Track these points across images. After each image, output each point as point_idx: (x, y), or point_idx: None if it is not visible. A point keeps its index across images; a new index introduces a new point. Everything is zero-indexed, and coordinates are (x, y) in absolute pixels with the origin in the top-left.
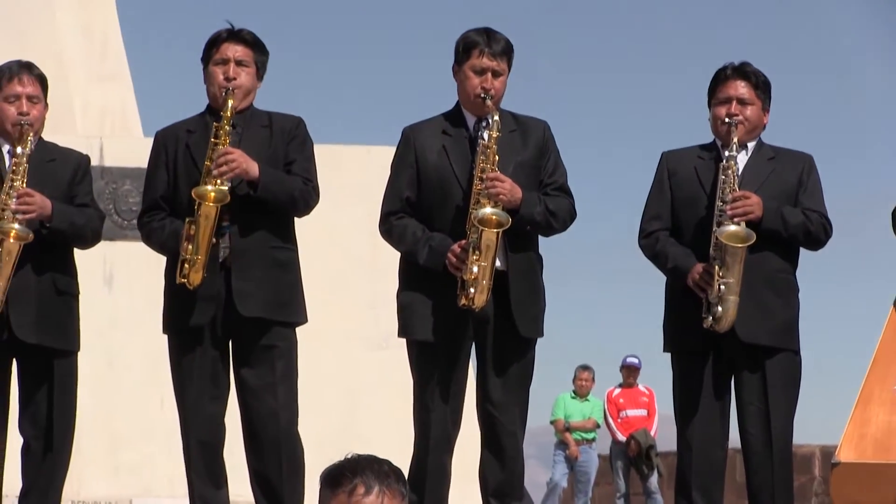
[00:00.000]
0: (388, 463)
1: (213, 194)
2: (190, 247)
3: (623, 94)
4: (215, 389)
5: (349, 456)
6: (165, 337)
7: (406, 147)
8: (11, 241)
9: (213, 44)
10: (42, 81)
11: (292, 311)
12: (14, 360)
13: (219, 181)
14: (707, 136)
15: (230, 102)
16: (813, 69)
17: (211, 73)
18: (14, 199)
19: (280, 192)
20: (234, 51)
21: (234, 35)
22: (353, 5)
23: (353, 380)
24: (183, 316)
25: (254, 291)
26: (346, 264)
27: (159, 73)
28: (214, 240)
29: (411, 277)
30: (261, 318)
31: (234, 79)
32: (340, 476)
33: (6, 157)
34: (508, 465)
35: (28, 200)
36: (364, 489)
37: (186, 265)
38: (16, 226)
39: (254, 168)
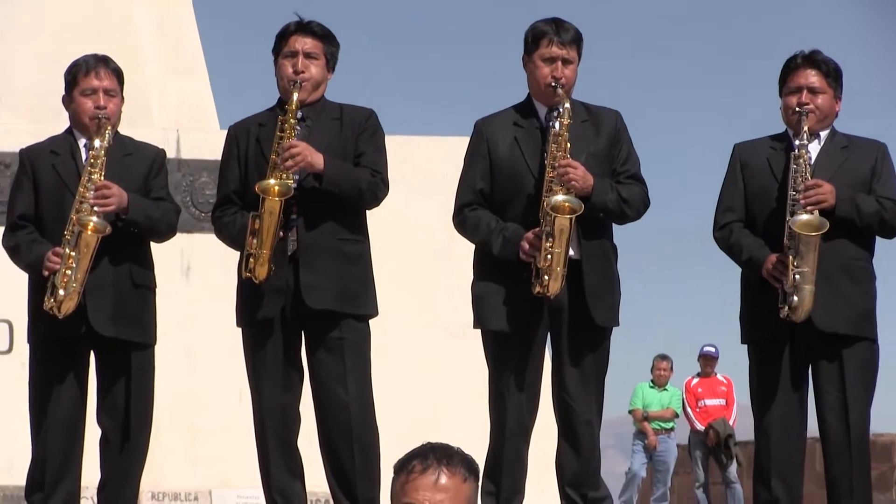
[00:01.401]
0: (457, 449)
1: (276, 188)
2: (255, 241)
3: (698, 82)
4: (288, 381)
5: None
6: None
7: (478, 139)
8: (89, 233)
9: (283, 36)
10: (118, 75)
11: (361, 303)
12: (92, 352)
13: (284, 175)
14: (779, 126)
15: (295, 95)
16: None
17: (280, 65)
18: (92, 192)
19: (346, 185)
20: (303, 43)
21: (303, 27)
22: None
23: (431, 370)
24: (254, 309)
25: (321, 284)
26: (422, 255)
27: (236, 66)
28: (282, 233)
29: (485, 268)
30: (330, 311)
31: (303, 71)
32: (406, 460)
33: (83, 150)
34: (585, 455)
35: (106, 193)
36: (421, 467)
37: (252, 259)
38: (94, 218)
39: (319, 160)
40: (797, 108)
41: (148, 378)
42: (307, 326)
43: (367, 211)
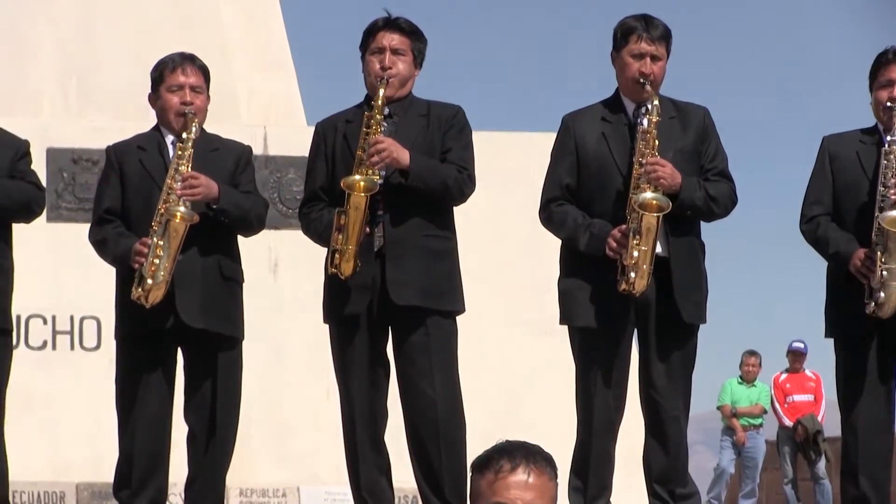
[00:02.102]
0: (537, 446)
1: (362, 183)
2: (340, 237)
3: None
4: (375, 377)
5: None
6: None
7: (566, 135)
8: (178, 221)
9: (370, 33)
10: (204, 72)
11: (448, 299)
12: (179, 350)
13: (370, 170)
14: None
15: (381, 91)
16: None
17: (367, 62)
18: (180, 182)
19: (432, 181)
20: (391, 39)
21: (391, 23)
22: None
23: (518, 366)
24: (340, 305)
25: (407, 280)
26: (509, 251)
27: (323, 62)
28: (368, 229)
29: (572, 264)
30: (416, 307)
31: (390, 68)
32: (488, 458)
33: (170, 147)
34: (672, 451)
35: (193, 182)
36: (510, 466)
37: (337, 255)
38: (182, 208)
39: (404, 157)
40: (888, 103)
41: (235, 375)
42: (394, 323)
43: (454, 207)
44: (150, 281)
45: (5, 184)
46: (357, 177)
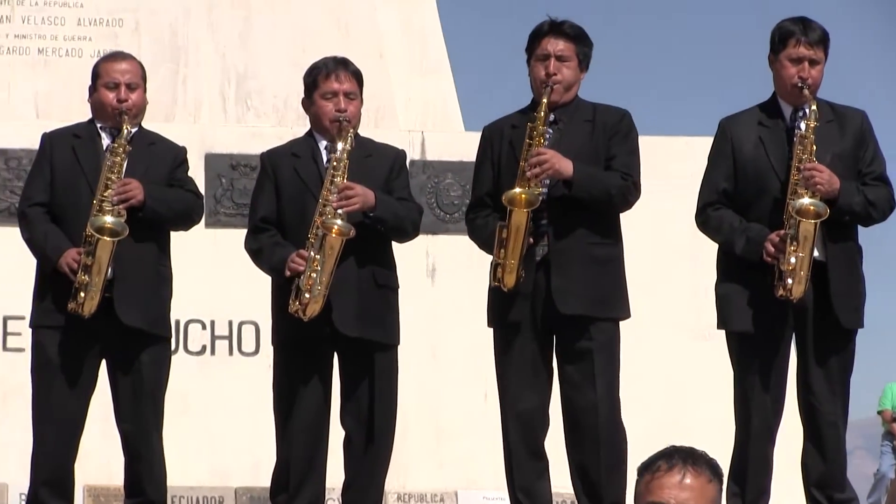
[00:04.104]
0: (702, 452)
1: (523, 197)
2: (502, 251)
3: None
4: (537, 383)
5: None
6: (488, 330)
7: (723, 139)
8: (334, 236)
9: (535, 37)
10: (358, 77)
11: (613, 306)
12: (335, 354)
13: (531, 183)
14: None
15: (544, 100)
16: None
17: (533, 67)
18: (335, 195)
19: (595, 190)
20: (555, 45)
21: (556, 29)
22: None
23: (676, 371)
24: (504, 311)
25: (573, 289)
26: (667, 255)
27: (480, 67)
28: (532, 239)
29: (729, 268)
30: (582, 315)
31: (554, 74)
32: (650, 461)
33: (323, 153)
34: (830, 456)
35: (349, 193)
36: (667, 466)
37: (500, 269)
38: (338, 221)
39: (567, 167)
40: (799, 83)
41: (392, 379)
42: (558, 330)
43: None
44: (307, 295)
45: (164, 193)
46: (517, 190)
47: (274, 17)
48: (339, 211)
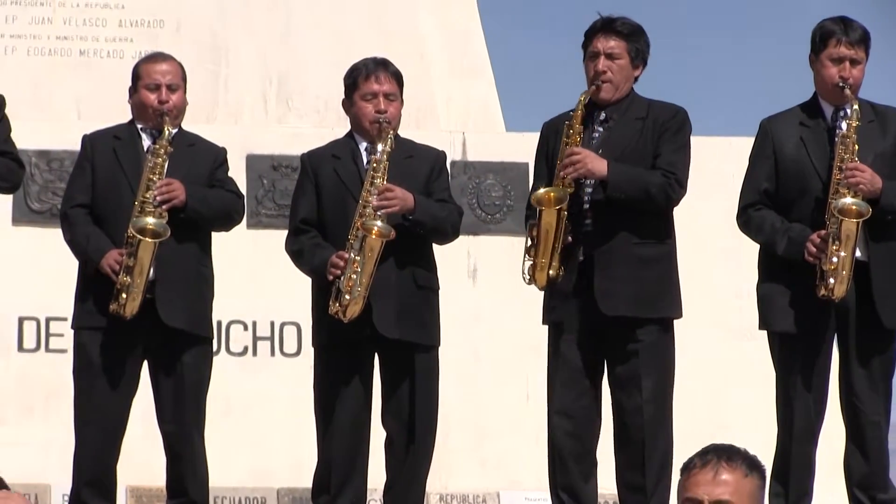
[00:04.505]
0: (740, 448)
1: (552, 195)
2: (533, 250)
3: None
4: (584, 382)
5: None
6: (530, 330)
7: (764, 139)
8: (374, 237)
9: (588, 36)
10: (398, 78)
11: (660, 306)
12: (376, 354)
13: (563, 182)
14: None
15: (580, 98)
16: None
17: (585, 66)
18: (375, 196)
19: (632, 190)
20: (605, 44)
21: (607, 26)
22: None
23: (718, 372)
24: (554, 311)
25: (616, 290)
26: (709, 256)
27: (521, 68)
28: (570, 238)
29: (770, 268)
30: (627, 316)
31: (604, 72)
32: (689, 460)
33: (363, 154)
34: (873, 457)
35: (388, 196)
36: (701, 463)
37: (532, 268)
38: (378, 223)
39: (600, 167)
40: (840, 83)
41: (432, 380)
42: (605, 331)
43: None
44: (347, 297)
45: (205, 193)
46: (542, 190)
47: (315, 18)
48: (379, 212)
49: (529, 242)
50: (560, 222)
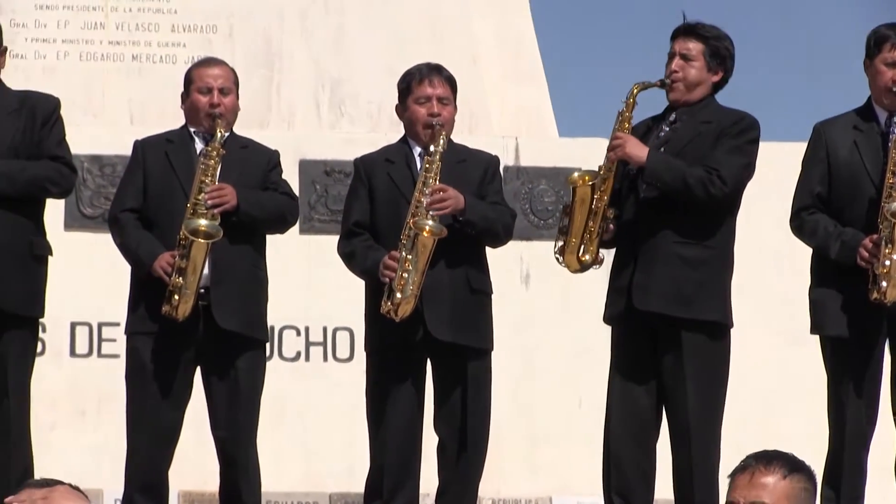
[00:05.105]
0: (783, 453)
1: (586, 177)
2: (565, 229)
3: None
4: (642, 381)
5: None
6: (583, 336)
7: (817, 143)
8: (426, 235)
9: (671, 38)
10: (451, 83)
11: (698, 308)
12: (428, 359)
13: (604, 168)
14: None
15: (634, 90)
16: None
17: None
18: (428, 196)
19: (669, 178)
20: (683, 45)
21: (687, 29)
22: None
23: (770, 376)
24: (609, 305)
25: (651, 286)
26: (761, 260)
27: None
28: (612, 226)
29: (823, 273)
30: (669, 316)
31: (676, 72)
32: (733, 469)
33: (417, 159)
34: None
35: (442, 196)
36: (742, 467)
37: (565, 249)
38: (430, 222)
39: (640, 153)
40: (894, 87)
41: (485, 385)
42: (655, 329)
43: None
44: (399, 295)
45: (258, 197)
46: (577, 173)
47: (368, 23)
48: (431, 212)
49: (564, 222)
50: (595, 204)
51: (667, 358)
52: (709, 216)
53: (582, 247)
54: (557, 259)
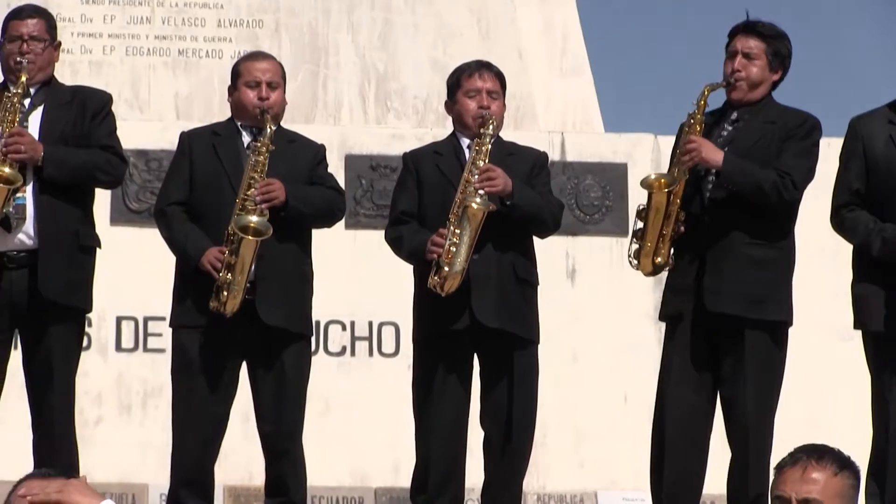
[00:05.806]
0: (832, 448)
1: (662, 181)
2: (640, 233)
3: None
4: (697, 378)
5: None
6: (629, 331)
7: (853, 138)
8: (475, 207)
9: (730, 35)
10: (500, 78)
11: (768, 309)
12: (475, 354)
13: (678, 170)
14: None
15: (705, 90)
16: None
17: (724, 65)
18: (476, 178)
19: (743, 180)
20: (745, 43)
21: (749, 27)
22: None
23: (816, 372)
24: (669, 304)
25: (722, 287)
26: (806, 257)
27: (620, 68)
28: (682, 229)
29: (865, 269)
30: (734, 316)
31: (738, 71)
32: (780, 461)
33: (466, 151)
34: None
35: (491, 175)
36: (791, 461)
37: (641, 253)
38: (478, 198)
39: (716, 157)
40: None
41: (531, 380)
42: (714, 327)
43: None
44: (446, 269)
45: (306, 191)
46: (654, 175)
47: (414, 18)
48: (480, 191)
49: (638, 226)
50: (669, 208)
51: (728, 357)
52: (774, 215)
53: (655, 250)
54: (631, 263)
